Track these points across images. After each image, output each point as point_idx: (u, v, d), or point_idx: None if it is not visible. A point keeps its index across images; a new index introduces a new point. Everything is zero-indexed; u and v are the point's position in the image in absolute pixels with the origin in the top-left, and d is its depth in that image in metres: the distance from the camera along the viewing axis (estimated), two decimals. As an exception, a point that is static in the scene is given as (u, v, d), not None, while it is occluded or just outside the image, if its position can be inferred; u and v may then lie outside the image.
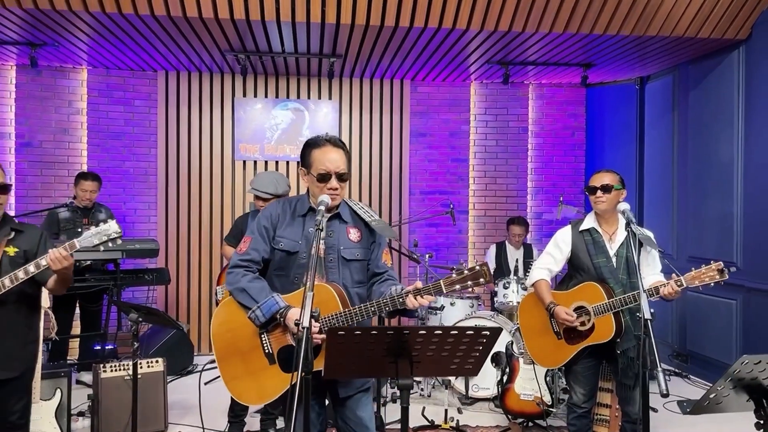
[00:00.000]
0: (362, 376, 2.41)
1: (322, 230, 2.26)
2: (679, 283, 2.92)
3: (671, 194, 6.05)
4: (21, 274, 2.65)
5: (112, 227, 2.63)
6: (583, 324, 3.17)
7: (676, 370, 5.75)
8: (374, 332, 1.85)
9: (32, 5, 4.32)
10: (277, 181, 3.95)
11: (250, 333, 2.46)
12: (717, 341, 5.38)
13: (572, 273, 3.38)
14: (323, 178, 2.44)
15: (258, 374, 2.45)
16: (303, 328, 1.98)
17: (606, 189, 3.15)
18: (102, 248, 2.64)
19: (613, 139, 6.83)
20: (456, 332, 1.84)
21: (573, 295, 3.24)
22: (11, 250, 2.81)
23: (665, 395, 2.15)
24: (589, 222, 3.30)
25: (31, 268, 2.65)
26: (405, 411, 1.98)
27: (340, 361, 1.94)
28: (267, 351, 2.45)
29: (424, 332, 1.83)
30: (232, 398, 3.97)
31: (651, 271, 3.25)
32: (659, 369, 2.19)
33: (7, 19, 4.62)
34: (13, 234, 2.84)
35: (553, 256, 3.38)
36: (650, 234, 3.25)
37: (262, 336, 2.46)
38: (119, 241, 2.65)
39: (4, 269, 2.72)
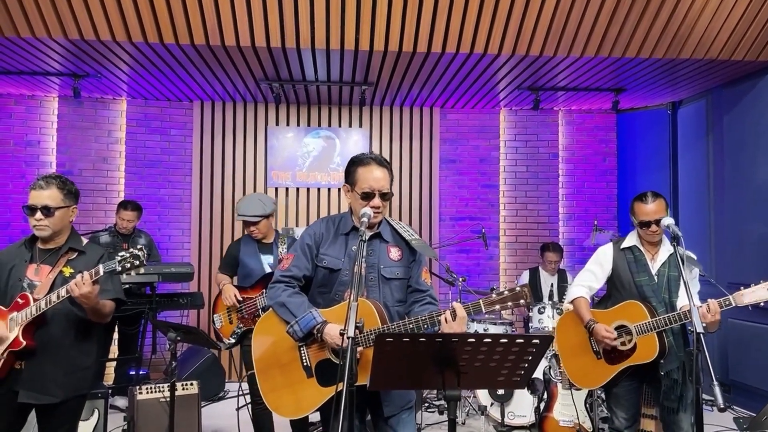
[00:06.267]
0: (408, 387, 2.38)
1: (365, 242, 2.27)
2: (727, 302, 2.82)
3: (708, 220, 5.94)
4: (54, 297, 2.54)
5: (136, 254, 2.54)
6: (623, 344, 3.09)
7: (718, 406, 5.54)
8: (422, 339, 1.83)
9: (77, 35, 4.49)
10: (263, 202, 3.85)
11: (289, 346, 2.47)
12: (760, 370, 5.20)
13: (611, 292, 3.31)
14: (367, 196, 2.46)
15: (296, 387, 2.45)
16: (348, 337, 1.98)
17: (659, 221, 3.07)
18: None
19: (645, 164, 6.77)
20: (506, 340, 1.82)
21: (614, 313, 3.16)
22: (67, 271, 2.70)
23: (723, 409, 2.08)
24: (631, 240, 3.24)
25: (63, 291, 2.52)
26: (452, 423, 1.95)
27: (386, 370, 1.92)
28: (305, 364, 2.45)
29: (473, 340, 1.80)
30: (254, 427, 3.90)
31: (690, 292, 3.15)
32: (715, 382, 2.12)
33: (53, 50, 4.81)
34: (75, 254, 2.75)
35: (594, 273, 3.30)
36: (693, 255, 3.18)
37: (301, 349, 2.46)
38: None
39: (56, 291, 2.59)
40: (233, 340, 3.87)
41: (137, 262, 2.54)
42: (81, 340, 2.71)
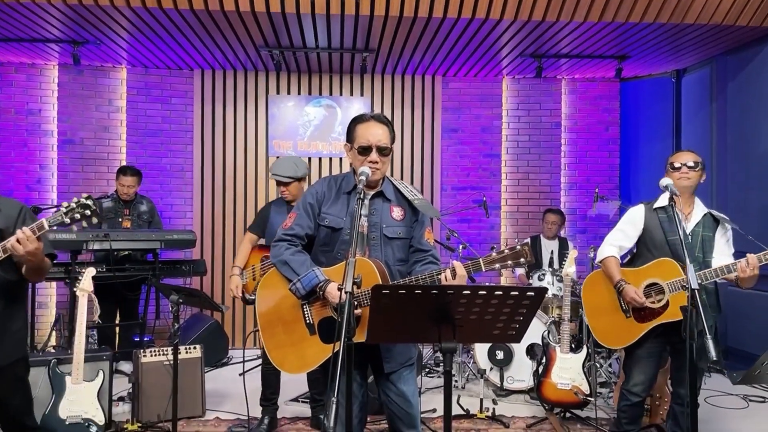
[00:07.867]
0: (405, 341, 2.42)
1: (362, 199, 2.29)
2: (767, 257, 2.78)
3: (710, 189, 5.92)
4: None
5: (84, 203, 2.32)
6: (653, 302, 3.02)
7: (716, 367, 5.60)
8: (418, 291, 1.85)
9: (76, 0, 4.46)
10: (296, 165, 3.96)
11: (292, 304, 2.50)
12: (757, 336, 5.23)
13: (642, 252, 3.22)
14: (364, 151, 2.48)
15: (299, 344, 2.49)
16: (346, 292, 2.00)
17: (691, 167, 3.05)
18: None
19: (648, 133, 6.73)
20: (500, 292, 1.84)
21: (646, 271, 3.09)
22: None
23: (715, 361, 2.11)
24: (663, 201, 3.15)
25: None
26: (448, 374, 1.97)
27: (383, 323, 1.94)
28: (308, 322, 2.49)
29: (468, 292, 1.82)
30: (262, 383, 3.99)
31: (725, 252, 3.11)
32: (708, 336, 2.14)
33: (51, 16, 4.77)
34: None
35: (625, 232, 3.23)
36: (726, 216, 3.15)
37: (304, 307, 2.50)
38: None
39: None
40: (255, 297, 4.03)
41: (88, 212, 2.31)
42: (10, 303, 2.53)
